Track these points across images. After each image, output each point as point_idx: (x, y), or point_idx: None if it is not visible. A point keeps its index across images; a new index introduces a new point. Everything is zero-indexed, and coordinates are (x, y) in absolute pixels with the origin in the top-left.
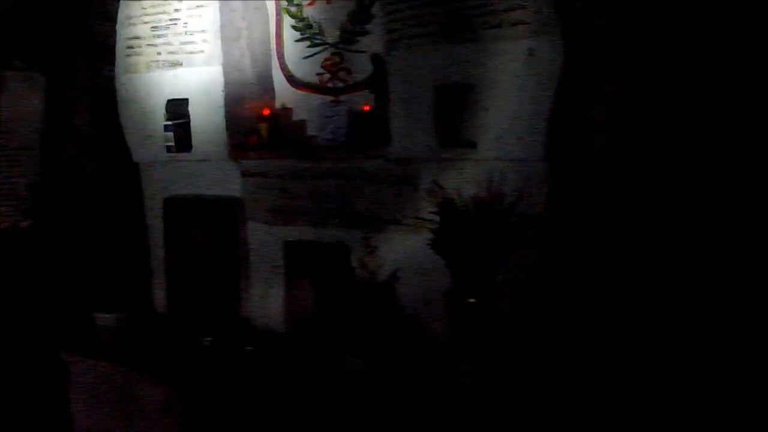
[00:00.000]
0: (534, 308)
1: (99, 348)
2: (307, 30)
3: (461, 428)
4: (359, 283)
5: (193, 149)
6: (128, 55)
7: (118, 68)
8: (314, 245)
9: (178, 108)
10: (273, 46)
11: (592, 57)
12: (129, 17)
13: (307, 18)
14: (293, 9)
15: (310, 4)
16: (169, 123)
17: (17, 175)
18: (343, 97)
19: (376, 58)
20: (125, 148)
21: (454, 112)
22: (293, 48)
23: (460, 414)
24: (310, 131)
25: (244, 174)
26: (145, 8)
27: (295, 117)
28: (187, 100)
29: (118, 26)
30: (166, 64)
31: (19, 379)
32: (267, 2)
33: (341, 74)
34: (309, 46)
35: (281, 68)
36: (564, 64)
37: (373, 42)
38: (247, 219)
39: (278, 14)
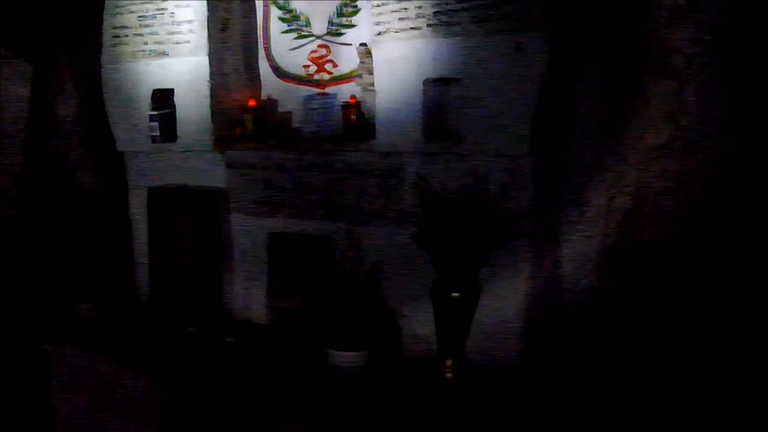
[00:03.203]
0: (520, 304)
1: (81, 338)
2: (294, 21)
3: (445, 424)
4: (342, 276)
5: (178, 139)
6: (114, 45)
7: (104, 58)
8: (298, 237)
9: (163, 98)
10: (260, 37)
11: (579, 53)
12: (115, 6)
13: (295, 9)
14: (281, 0)
15: None
16: (155, 113)
17: (1, 164)
18: (329, 90)
19: (362, 51)
20: (110, 138)
21: (440, 106)
22: (280, 39)
23: (443, 409)
24: (296, 123)
25: (229, 165)
26: None
27: (281, 108)
28: (172, 90)
29: (104, 15)
30: (152, 54)
31: (0, 369)
32: None
33: (327, 66)
34: (296, 38)
35: (267, 59)
36: (551, 60)
37: (360, 34)
38: (231, 210)
39: (265, 5)
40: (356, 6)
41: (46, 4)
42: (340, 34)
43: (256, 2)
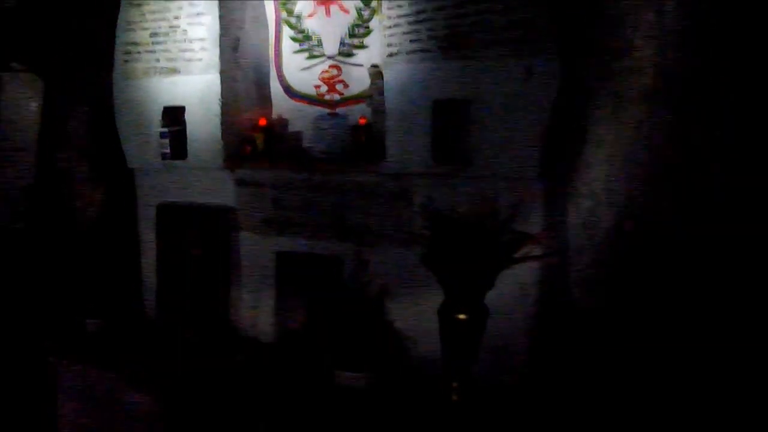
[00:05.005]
0: (527, 327)
1: (87, 352)
2: (306, 41)
3: None
4: (350, 297)
5: (189, 157)
6: (126, 61)
7: (116, 74)
8: (306, 257)
9: (174, 115)
10: (271, 56)
11: (589, 77)
12: (128, 23)
13: (307, 30)
14: (293, 20)
15: (309, 16)
16: (165, 130)
17: (11, 177)
18: (339, 110)
19: (373, 72)
20: (120, 154)
21: (450, 128)
22: (291, 59)
23: (449, 431)
24: (306, 143)
25: (239, 183)
26: (145, 14)
27: (291, 128)
28: (183, 107)
29: (117, 31)
30: (163, 71)
31: (6, 381)
32: (267, 13)
33: (338, 87)
34: (307, 58)
35: (279, 79)
36: (561, 84)
37: (371, 56)
38: (239, 228)
39: (278, 25)
40: (368, 27)
41: (59, 20)
42: (352, 55)
43: (269, 22)
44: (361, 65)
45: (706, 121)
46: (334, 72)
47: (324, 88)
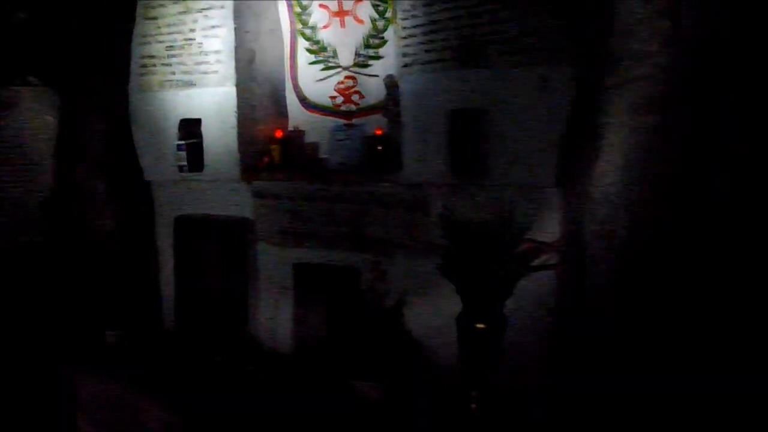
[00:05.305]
0: (543, 335)
1: (106, 365)
2: (321, 53)
3: None
4: (368, 307)
5: (205, 169)
6: (142, 74)
7: (132, 87)
8: (323, 268)
9: (190, 128)
10: (287, 68)
11: (602, 85)
12: (144, 36)
13: (322, 41)
14: (308, 32)
15: (324, 27)
16: (182, 142)
17: (29, 190)
18: (355, 121)
19: (389, 83)
20: (137, 167)
21: (466, 137)
22: (307, 70)
23: None
24: (322, 154)
25: (256, 195)
26: (160, 27)
27: (308, 139)
28: (200, 120)
29: (132, 45)
30: (179, 84)
31: (25, 394)
32: (282, 24)
33: (354, 98)
34: (323, 69)
35: (294, 90)
36: (576, 92)
37: (386, 66)
38: (257, 240)
39: (293, 36)
40: (383, 38)
41: (75, 33)
42: (367, 66)
43: (284, 33)
44: (376, 76)
45: (707, 121)
46: (350, 83)
47: (340, 99)
